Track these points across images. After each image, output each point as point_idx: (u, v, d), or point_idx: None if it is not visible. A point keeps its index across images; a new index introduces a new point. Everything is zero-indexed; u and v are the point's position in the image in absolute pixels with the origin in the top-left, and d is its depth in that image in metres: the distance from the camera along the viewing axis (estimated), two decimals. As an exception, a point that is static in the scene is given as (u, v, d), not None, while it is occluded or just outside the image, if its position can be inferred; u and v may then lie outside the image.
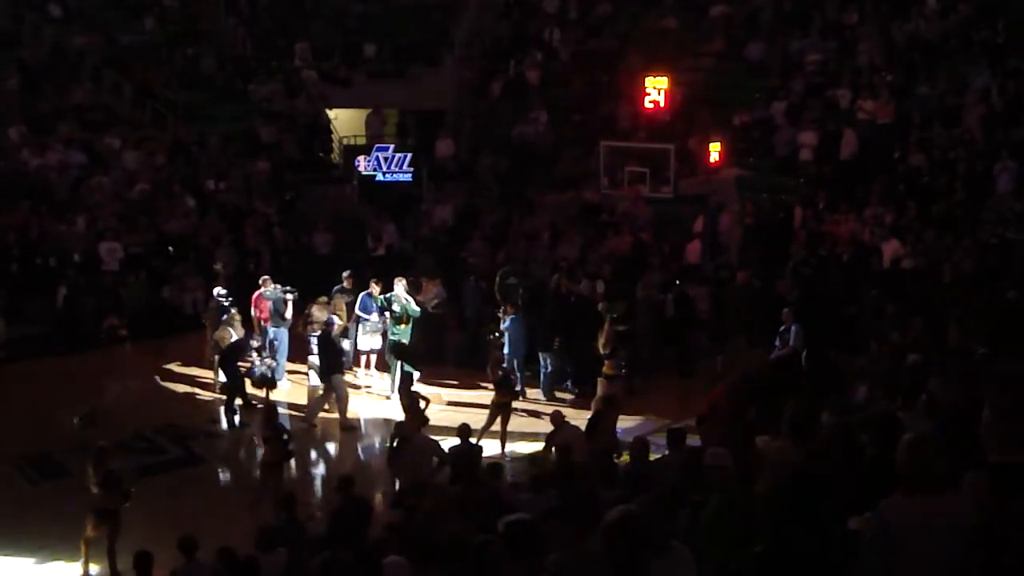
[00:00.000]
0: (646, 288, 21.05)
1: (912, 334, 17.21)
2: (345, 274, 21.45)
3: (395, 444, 14.94)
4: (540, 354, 19.81)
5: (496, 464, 13.57)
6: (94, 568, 13.38)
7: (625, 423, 17.42)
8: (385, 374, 20.30)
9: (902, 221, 22.35)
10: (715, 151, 24.27)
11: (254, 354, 19.74)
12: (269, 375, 19.72)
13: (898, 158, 24.54)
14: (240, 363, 19.48)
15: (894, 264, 21.10)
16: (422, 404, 16.52)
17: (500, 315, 20.12)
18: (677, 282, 21.43)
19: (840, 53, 28.39)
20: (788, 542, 7.11)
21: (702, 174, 24.20)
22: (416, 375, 19.24)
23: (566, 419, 15.37)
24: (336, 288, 21.20)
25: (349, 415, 18.69)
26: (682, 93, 26.59)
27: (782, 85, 28.32)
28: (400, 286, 20.04)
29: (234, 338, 19.57)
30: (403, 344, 19.57)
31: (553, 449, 14.36)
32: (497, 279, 21.36)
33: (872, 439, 9.49)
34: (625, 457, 13.67)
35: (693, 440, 12.91)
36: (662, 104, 25.01)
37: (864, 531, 6.25)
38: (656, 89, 25.05)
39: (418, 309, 20.03)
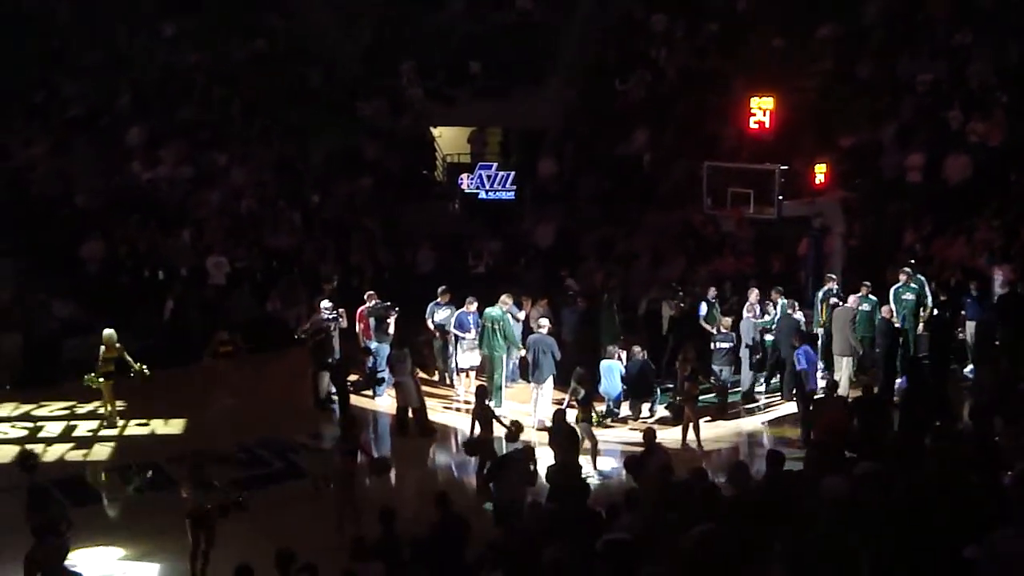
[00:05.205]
0: (750, 310, 20.85)
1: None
2: (440, 289, 21.56)
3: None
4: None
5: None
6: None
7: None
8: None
9: (1014, 246, 21.87)
10: (821, 172, 23.89)
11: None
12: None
13: (1014, 181, 24.01)
14: (349, 376, 19.82)
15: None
16: (496, 422, 16.67)
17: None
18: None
19: (952, 74, 27.83)
20: (894, 570, 6.96)
21: (807, 195, 23.83)
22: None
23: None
24: (432, 304, 21.36)
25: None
26: (788, 113, 26.28)
27: (891, 106, 27.85)
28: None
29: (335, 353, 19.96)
30: None
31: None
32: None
33: (974, 466, 9.27)
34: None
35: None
36: (768, 124, 24.71)
37: (977, 561, 6.06)
38: (762, 109, 24.74)
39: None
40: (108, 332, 19.51)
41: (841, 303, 20.53)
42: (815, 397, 18.04)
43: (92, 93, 31.08)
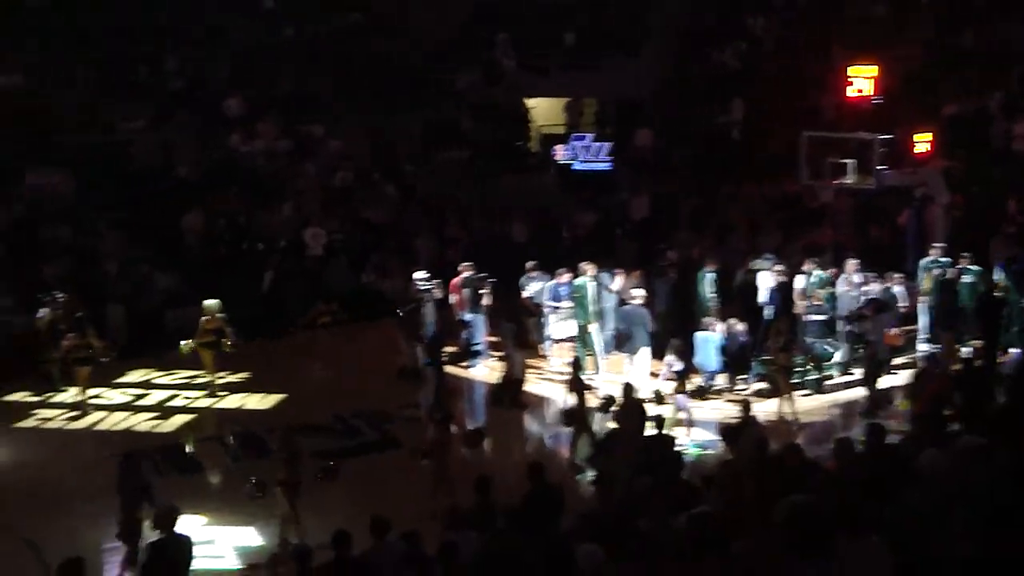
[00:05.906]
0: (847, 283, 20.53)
1: None
2: (529, 264, 21.53)
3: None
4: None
5: None
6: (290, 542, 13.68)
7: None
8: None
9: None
10: (923, 142, 23.42)
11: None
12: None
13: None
14: (443, 349, 19.91)
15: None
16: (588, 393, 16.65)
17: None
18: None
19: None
20: (998, 547, 6.83)
21: (908, 165, 23.39)
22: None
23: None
24: (524, 276, 21.37)
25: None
26: (889, 82, 25.82)
27: (997, 74, 27.19)
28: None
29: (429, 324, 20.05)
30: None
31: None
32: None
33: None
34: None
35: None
36: (868, 93, 24.26)
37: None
38: (862, 77, 24.32)
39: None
40: (212, 302, 19.80)
41: (946, 273, 20.17)
42: (918, 369, 17.73)
43: (192, 66, 31.51)
